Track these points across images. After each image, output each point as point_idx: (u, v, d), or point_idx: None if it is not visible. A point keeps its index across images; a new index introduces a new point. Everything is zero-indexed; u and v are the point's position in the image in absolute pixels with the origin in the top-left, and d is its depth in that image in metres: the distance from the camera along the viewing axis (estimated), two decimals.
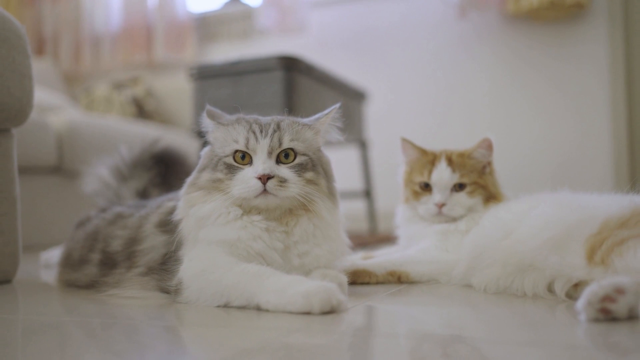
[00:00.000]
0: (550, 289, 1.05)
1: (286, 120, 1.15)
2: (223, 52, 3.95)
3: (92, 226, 1.34)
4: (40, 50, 4.30)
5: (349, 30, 3.71)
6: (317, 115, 1.19)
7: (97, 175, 1.64)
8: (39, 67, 3.79)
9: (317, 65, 2.56)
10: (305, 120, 1.18)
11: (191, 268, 1.05)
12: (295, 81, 2.33)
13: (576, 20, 3.19)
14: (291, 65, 2.31)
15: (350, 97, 2.90)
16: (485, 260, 1.14)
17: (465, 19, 3.32)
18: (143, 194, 1.64)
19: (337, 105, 1.19)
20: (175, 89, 3.82)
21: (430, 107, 3.50)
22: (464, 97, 3.45)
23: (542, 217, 1.07)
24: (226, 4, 4.10)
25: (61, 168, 2.76)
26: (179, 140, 3.19)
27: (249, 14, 3.98)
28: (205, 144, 1.21)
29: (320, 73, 2.55)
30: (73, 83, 4.25)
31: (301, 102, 2.34)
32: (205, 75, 2.46)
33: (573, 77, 3.22)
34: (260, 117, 1.17)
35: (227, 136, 1.12)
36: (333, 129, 1.19)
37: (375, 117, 3.46)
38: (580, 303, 0.82)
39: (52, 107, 2.94)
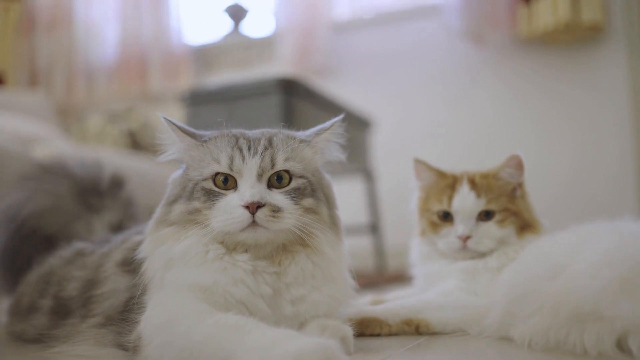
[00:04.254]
0: (621, 345, 0.80)
1: (279, 134, 0.95)
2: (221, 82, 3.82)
3: (47, 266, 1.12)
4: (33, 82, 4.20)
5: (356, 57, 3.57)
6: (315, 129, 0.99)
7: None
8: (32, 99, 3.69)
9: (318, 89, 2.39)
10: (302, 134, 0.98)
11: (153, 319, 0.82)
12: (294, 106, 2.15)
13: (593, 44, 3.01)
14: (290, 89, 2.14)
15: (355, 125, 2.71)
16: (528, 306, 0.89)
17: (480, 44, 3.17)
18: (118, 228, 1.42)
19: (340, 117, 0.99)
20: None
21: (442, 136, 3.31)
22: (476, 125, 3.26)
23: (603, 251, 0.84)
24: (226, 36, 4.00)
25: None
26: (171, 172, 3.02)
27: (248, 45, 3.87)
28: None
29: (321, 98, 2.37)
30: (67, 115, 4.13)
31: (300, 129, 2.15)
32: (198, 100, 2.30)
33: (591, 103, 3.03)
34: (247, 131, 0.97)
35: (205, 155, 0.91)
36: (334, 146, 0.99)
37: (384, 147, 3.25)
38: None
39: (38, 138, 2.77)
